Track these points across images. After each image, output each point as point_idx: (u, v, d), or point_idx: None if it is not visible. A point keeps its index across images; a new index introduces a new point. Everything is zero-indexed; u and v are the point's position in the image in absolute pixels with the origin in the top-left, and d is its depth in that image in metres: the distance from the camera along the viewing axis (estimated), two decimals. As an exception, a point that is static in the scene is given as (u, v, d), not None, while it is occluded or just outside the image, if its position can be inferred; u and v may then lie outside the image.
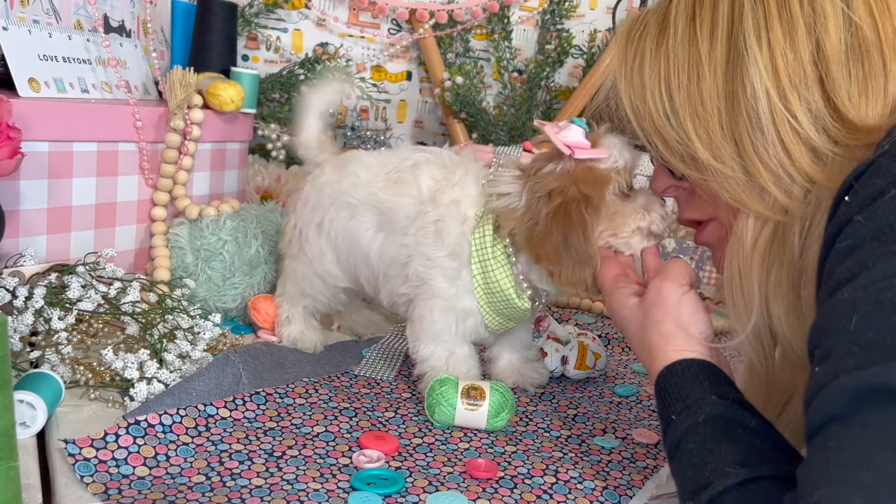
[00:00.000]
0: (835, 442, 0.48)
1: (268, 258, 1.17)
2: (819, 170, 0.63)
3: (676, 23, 0.69)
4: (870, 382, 0.47)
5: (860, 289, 0.51)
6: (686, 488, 0.62)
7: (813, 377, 0.53)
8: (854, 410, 0.48)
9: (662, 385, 0.71)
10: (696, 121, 0.68)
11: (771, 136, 0.64)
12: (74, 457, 0.73)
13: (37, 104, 1.02)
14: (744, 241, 0.68)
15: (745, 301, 0.69)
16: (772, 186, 0.65)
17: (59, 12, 1.14)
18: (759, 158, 0.65)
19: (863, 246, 0.53)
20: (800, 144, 0.63)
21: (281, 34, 1.69)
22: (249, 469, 0.75)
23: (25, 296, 0.92)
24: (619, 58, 0.75)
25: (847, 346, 0.50)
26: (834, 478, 0.47)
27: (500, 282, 0.93)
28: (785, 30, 0.63)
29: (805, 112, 0.63)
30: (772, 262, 0.67)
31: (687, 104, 0.68)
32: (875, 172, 0.55)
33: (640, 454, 0.86)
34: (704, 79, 0.67)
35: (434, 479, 0.76)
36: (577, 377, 1.08)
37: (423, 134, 1.86)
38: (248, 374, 0.93)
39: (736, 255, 0.69)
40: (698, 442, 0.63)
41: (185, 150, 1.19)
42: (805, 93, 0.63)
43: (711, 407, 0.65)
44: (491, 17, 1.77)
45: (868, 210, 0.53)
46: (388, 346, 1.13)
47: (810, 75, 0.63)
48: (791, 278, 0.66)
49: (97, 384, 0.89)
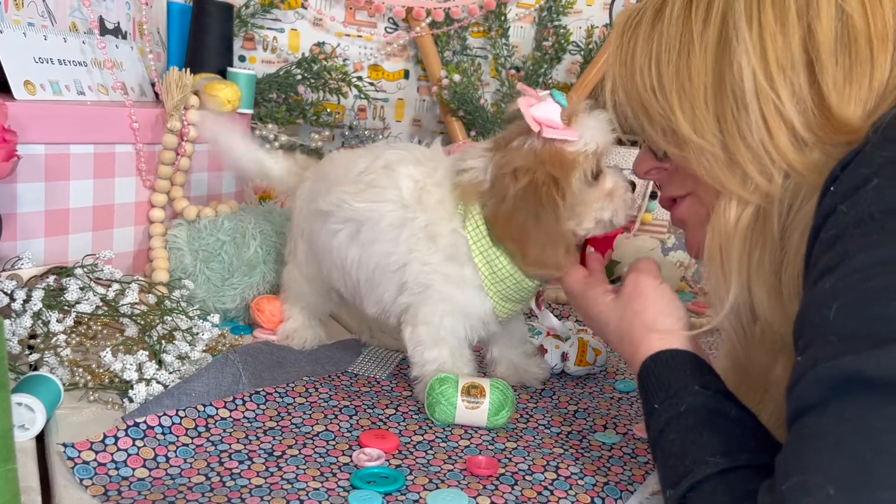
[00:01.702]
0: (809, 430, 0.49)
1: (266, 258, 1.17)
2: (798, 157, 0.63)
3: (673, 6, 0.70)
4: (844, 371, 0.48)
5: (841, 278, 0.52)
6: (667, 477, 0.64)
7: (795, 366, 0.53)
8: (829, 399, 0.48)
9: (646, 374, 0.72)
10: (682, 95, 0.68)
11: (754, 113, 0.64)
12: (73, 460, 0.72)
13: (33, 107, 1.02)
14: (727, 220, 0.68)
15: (725, 280, 0.69)
16: (751, 167, 0.65)
17: (54, 15, 1.14)
18: (741, 136, 0.65)
19: (845, 235, 0.53)
20: (782, 125, 0.64)
21: (277, 34, 1.69)
22: (249, 469, 0.75)
23: (24, 298, 0.92)
24: (615, 43, 0.76)
25: (826, 335, 0.51)
26: (806, 466, 0.48)
27: (507, 267, 0.90)
28: (777, 14, 0.64)
29: (789, 94, 0.63)
30: (754, 242, 0.67)
31: (675, 79, 0.69)
32: (860, 162, 0.55)
33: (641, 450, 0.86)
34: (694, 56, 0.68)
35: (434, 477, 0.76)
36: (577, 373, 1.07)
37: (421, 132, 1.86)
38: (248, 373, 0.93)
39: (718, 235, 0.69)
40: (680, 431, 0.64)
41: (183, 152, 1.19)
42: (791, 75, 0.63)
43: (694, 397, 0.66)
44: (488, 15, 1.77)
45: (851, 199, 0.54)
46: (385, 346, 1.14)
47: (798, 58, 0.63)
48: (772, 260, 0.66)
49: (96, 386, 0.89)
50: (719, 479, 0.59)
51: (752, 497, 0.53)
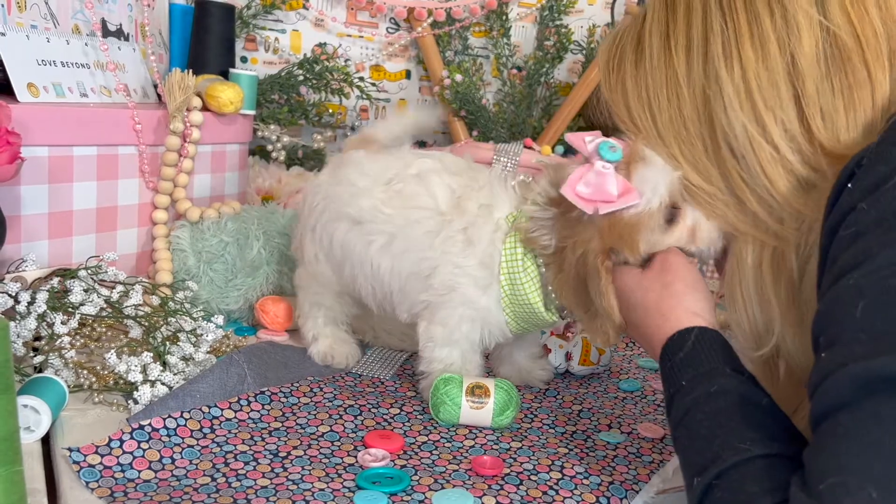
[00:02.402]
0: (844, 429, 0.48)
1: (269, 259, 1.17)
2: (802, 199, 0.63)
3: (652, 42, 0.68)
4: (879, 372, 0.47)
5: (865, 276, 0.51)
6: (692, 460, 0.61)
7: (818, 363, 0.53)
8: (862, 398, 0.48)
9: (672, 349, 0.69)
10: (682, 144, 0.68)
11: (752, 163, 0.63)
12: (79, 464, 0.72)
13: (36, 109, 1.02)
14: (744, 261, 0.67)
15: (749, 319, 0.68)
16: (761, 211, 0.65)
17: (56, 17, 1.14)
18: (745, 184, 0.65)
19: (867, 233, 0.53)
20: (781, 171, 0.63)
21: (279, 35, 1.69)
22: (255, 470, 0.75)
23: (28, 301, 0.92)
24: (604, 86, 0.74)
25: (854, 333, 0.50)
26: (844, 466, 0.47)
27: (528, 295, 0.88)
28: (756, 47, 0.62)
29: (781, 135, 0.62)
30: (774, 279, 0.66)
31: (670, 127, 0.68)
32: (877, 159, 0.55)
33: (646, 449, 0.86)
34: (685, 101, 0.66)
35: (440, 477, 0.76)
36: (581, 373, 1.07)
37: (422, 132, 1.86)
38: (253, 372, 0.93)
39: (736, 275, 0.68)
40: (709, 413, 0.62)
41: (185, 153, 1.19)
42: (781, 114, 0.62)
43: (726, 379, 0.64)
44: (489, 15, 1.77)
45: (872, 197, 0.53)
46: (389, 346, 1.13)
47: (784, 94, 0.62)
48: (790, 293, 0.66)
49: (101, 388, 0.89)
50: (749, 467, 0.56)
51: (784, 489, 0.52)
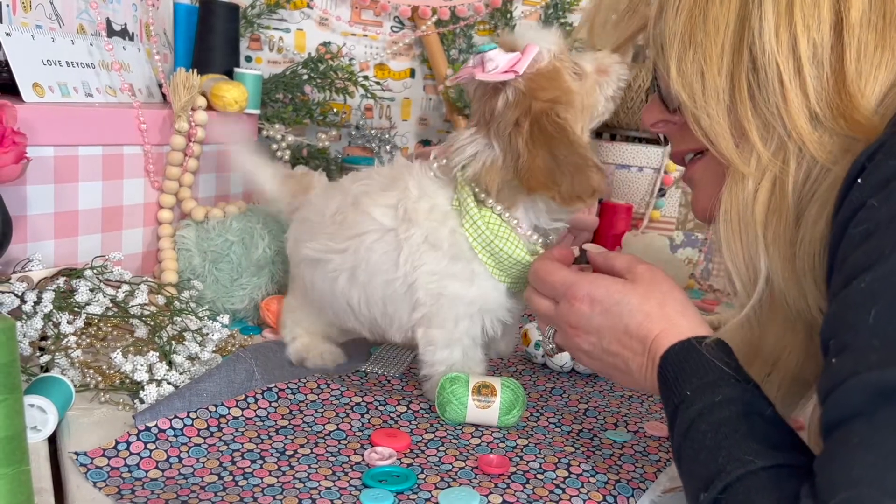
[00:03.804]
0: (858, 439, 0.47)
1: (275, 258, 1.17)
2: (809, 129, 0.62)
3: None
4: (894, 381, 0.46)
5: (878, 279, 0.50)
6: (697, 473, 0.60)
7: (828, 369, 0.52)
8: (877, 408, 0.47)
9: (676, 358, 0.67)
10: (697, 48, 0.66)
11: (773, 78, 0.62)
12: (87, 466, 0.72)
13: (41, 109, 1.02)
14: (745, 189, 0.66)
15: (744, 250, 0.67)
16: (756, 137, 0.64)
17: (61, 17, 1.14)
18: (753, 105, 0.63)
19: (878, 232, 0.52)
20: (799, 94, 0.62)
21: (283, 34, 1.69)
22: (261, 468, 0.75)
23: (34, 300, 0.92)
24: None
25: (867, 339, 0.49)
26: (859, 478, 0.46)
27: (512, 255, 0.87)
28: None
29: (810, 54, 0.61)
30: (772, 213, 0.65)
31: (688, 24, 0.66)
32: (888, 154, 0.54)
33: (653, 447, 0.86)
34: (713, 3, 0.65)
35: (446, 475, 0.76)
36: (586, 371, 1.07)
37: (427, 131, 1.86)
38: (261, 369, 0.93)
39: (735, 204, 0.67)
40: (714, 423, 0.61)
41: (190, 152, 1.19)
42: (815, 35, 0.61)
43: (731, 388, 0.63)
44: (494, 13, 1.77)
45: (882, 193, 0.52)
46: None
47: (826, 17, 0.61)
48: (787, 230, 0.65)
49: (107, 387, 0.89)
50: (755, 479, 0.55)
51: (792, 498, 0.51)
